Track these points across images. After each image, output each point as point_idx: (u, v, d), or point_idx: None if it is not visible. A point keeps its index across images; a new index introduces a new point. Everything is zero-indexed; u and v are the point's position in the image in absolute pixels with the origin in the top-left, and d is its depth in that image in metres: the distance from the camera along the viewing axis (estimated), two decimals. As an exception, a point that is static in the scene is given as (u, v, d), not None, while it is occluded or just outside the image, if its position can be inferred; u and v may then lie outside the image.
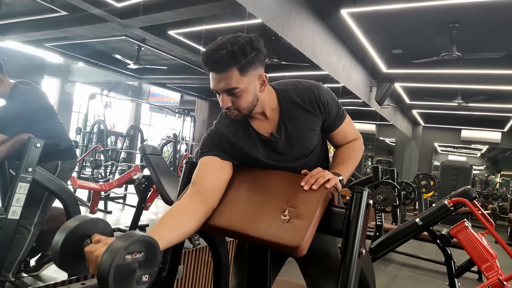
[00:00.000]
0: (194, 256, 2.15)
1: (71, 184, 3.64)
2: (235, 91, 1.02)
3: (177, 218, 1.02)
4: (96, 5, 4.36)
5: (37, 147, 1.70)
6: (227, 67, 0.99)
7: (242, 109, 1.07)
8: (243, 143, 1.16)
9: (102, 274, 0.75)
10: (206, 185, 1.08)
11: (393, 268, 3.89)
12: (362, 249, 0.95)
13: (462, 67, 5.53)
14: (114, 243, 0.77)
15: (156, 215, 4.99)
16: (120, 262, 0.76)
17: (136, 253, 0.79)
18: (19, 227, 1.78)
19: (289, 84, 1.18)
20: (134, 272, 0.79)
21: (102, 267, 0.75)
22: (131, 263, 0.79)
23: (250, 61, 1.02)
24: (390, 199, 3.65)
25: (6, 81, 1.96)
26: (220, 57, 0.98)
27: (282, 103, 1.15)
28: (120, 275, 0.76)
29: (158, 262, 0.84)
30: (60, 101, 9.92)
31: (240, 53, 0.99)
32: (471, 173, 8.97)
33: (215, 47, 1.00)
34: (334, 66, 5.11)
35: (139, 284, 0.80)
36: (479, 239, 2.26)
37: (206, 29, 5.07)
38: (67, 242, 0.84)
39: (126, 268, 0.78)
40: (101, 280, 0.75)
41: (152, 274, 0.83)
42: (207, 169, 1.11)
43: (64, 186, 1.89)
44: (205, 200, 1.05)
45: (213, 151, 1.14)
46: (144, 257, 0.81)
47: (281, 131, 1.15)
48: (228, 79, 1.01)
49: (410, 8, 3.94)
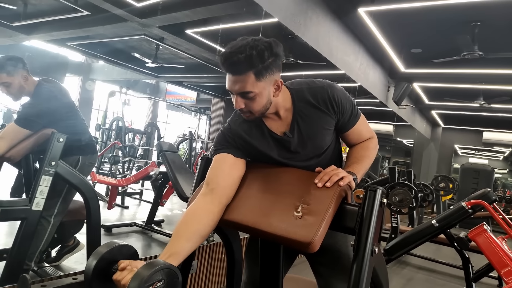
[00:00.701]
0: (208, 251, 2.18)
1: (91, 179, 3.74)
2: (249, 95, 1.04)
3: (192, 225, 1.05)
4: (117, 5, 4.46)
5: (60, 141, 1.76)
6: (244, 71, 1.00)
7: (255, 111, 1.09)
8: (256, 141, 1.17)
9: None
10: (219, 182, 1.10)
11: (408, 271, 3.83)
12: (375, 248, 0.95)
13: (484, 67, 5.39)
14: (137, 274, 0.86)
15: (172, 211, 5.07)
16: None
17: (157, 282, 0.88)
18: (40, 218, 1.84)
19: (303, 84, 1.18)
20: None
21: None
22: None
23: (267, 67, 1.03)
24: (406, 201, 3.59)
25: (30, 79, 2.03)
26: (238, 60, 0.99)
27: (296, 103, 1.15)
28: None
29: (179, 285, 0.92)
30: (81, 99, 10.18)
31: (258, 58, 1.00)
32: (493, 176, 8.72)
33: (234, 50, 1.00)
34: (351, 66, 5.06)
35: None
36: (498, 243, 2.20)
37: (222, 28, 5.11)
38: (97, 268, 0.93)
39: None
40: None
41: None
42: (220, 167, 1.13)
43: (84, 180, 1.95)
44: (218, 198, 1.08)
45: (226, 149, 1.16)
46: (165, 284, 0.89)
47: (294, 131, 1.16)
48: (243, 83, 1.02)
49: (430, 6, 3.86)
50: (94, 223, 1.99)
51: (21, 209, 1.66)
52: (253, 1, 3.17)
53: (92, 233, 1.99)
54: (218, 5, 3.98)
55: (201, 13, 4.29)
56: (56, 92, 2.05)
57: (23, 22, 5.75)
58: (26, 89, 2.02)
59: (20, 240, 1.68)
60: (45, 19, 5.61)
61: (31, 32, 6.22)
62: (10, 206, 1.65)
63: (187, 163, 7.76)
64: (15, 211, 1.66)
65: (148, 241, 3.56)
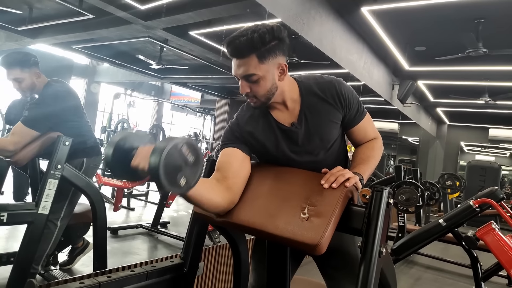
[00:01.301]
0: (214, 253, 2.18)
1: (96, 181, 3.76)
2: (253, 77, 1.05)
3: (210, 181, 1.06)
4: (121, 7, 4.48)
5: (66, 145, 1.76)
6: (246, 53, 1.03)
7: (260, 96, 1.09)
8: (263, 135, 1.17)
9: (158, 148, 0.80)
10: (229, 175, 1.09)
11: (416, 270, 3.81)
12: (383, 249, 0.95)
13: (489, 63, 5.34)
14: (156, 146, 0.81)
15: (177, 213, 5.08)
16: (176, 147, 0.82)
17: (190, 153, 0.85)
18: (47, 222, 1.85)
19: (311, 78, 1.20)
20: (179, 167, 0.83)
21: (158, 146, 0.81)
22: (183, 156, 0.83)
23: (270, 49, 1.04)
24: (413, 199, 3.57)
25: (41, 77, 2.06)
26: (240, 43, 1.02)
27: (304, 95, 1.16)
28: (170, 158, 0.80)
29: (196, 180, 0.88)
30: (86, 101, 10.25)
31: (260, 41, 1.02)
32: (500, 173, 8.62)
33: (237, 34, 1.04)
34: (355, 64, 5.04)
35: (175, 181, 0.83)
36: (507, 241, 2.18)
37: (226, 29, 5.11)
38: (117, 149, 0.90)
39: (177, 156, 0.82)
40: (155, 151, 0.80)
41: (188, 183, 0.85)
42: (230, 160, 1.13)
43: (90, 183, 1.96)
44: (229, 189, 1.06)
45: (234, 143, 1.16)
46: (192, 163, 0.86)
47: (302, 122, 1.16)
48: (246, 65, 1.04)
49: (433, 4, 3.84)
50: (100, 226, 2.00)
51: (27, 213, 1.67)
52: (256, 2, 3.16)
53: (98, 235, 1.99)
54: (222, 6, 3.98)
55: (204, 14, 4.29)
56: (64, 93, 2.07)
57: (29, 26, 5.79)
58: (36, 86, 2.04)
59: (27, 244, 1.69)
60: (50, 23, 5.66)
61: (36, 36, 6.27)
62: (16, 210, 1.66)
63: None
64: (21, 215, 1.66)
65: (154, 243, 3.57)
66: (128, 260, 2.89)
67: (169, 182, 0.81)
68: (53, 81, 2.09)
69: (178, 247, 3.37)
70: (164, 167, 0.79)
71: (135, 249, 3.29)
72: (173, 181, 0.82)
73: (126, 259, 2.95)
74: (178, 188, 0.84)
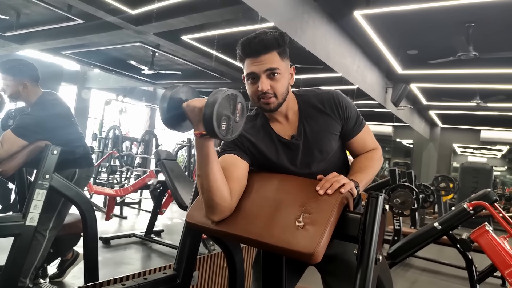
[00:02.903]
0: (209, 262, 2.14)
1: (87, 190, 3.69)
2: (276, 71, 1.08)
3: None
4: (111, 12, 4.44)
5: (54, 154, 1.72)
6: (271, 48, 1.07)
7: (279, 94, 1.10)
8: (264, 145, 1.17)
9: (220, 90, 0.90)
10: (229, 177, 1.06)
11: (412, 273, 3.80)
12: (379, 255, 0.93)
13: (479, 66, 5.41)
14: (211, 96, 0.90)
15: (171, 220, 5.02)
16: (235, 97, 0.93)
17: (239, 112, 0.94)
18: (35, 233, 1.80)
19: (309, 91, 1.21)
20: (228, 113, 0.91)
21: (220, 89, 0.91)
22: (235, 108, 0.93)
23: (285, 50, 1.12)
24: (408, 203, 3.57)
25: (32, 89, 2.02)
26: (266, 38, 1.07)
27: (302, 107, 1.17)
28: (227, 100, 0.90)
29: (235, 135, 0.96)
30: (77, 108, 10.15)
31: (281, 39, 1.09)
32: (492, 174, 8.71)
33: (257, 33, 1.08)
34: (348, 68, 5.06)
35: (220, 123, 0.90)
36: (501, 243, 2.18)
37: (219, 34, 5.10)
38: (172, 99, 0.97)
39: (231, 103, 0.92)
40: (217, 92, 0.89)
41: (228, 131, 0.93)
42: (229, 168, 1.10)
43: (80, 193, 1.91)
44: (230, 191, 1.04)
45: (234, 150, 1.15)
46: (237, 122, 0.95)
47: (301, 135, 1.16)
48: (270, 60, 1.07)
49: (425, 8, 3.87)
50: (91, 236, 1.95)
51: (14, 225, 1.62)
52: (249, 7, 3.16)
53: (89, 246, 1.94)
54: (214, 11, 3.97)
55: (197, 19, 4.28)
56: (57, 107, 2.05)
57: (16, 32, 5.73)
58: (24, 97, 2.01)
59: (14, 257, 1.64)
60: (38, 28, 5.60)
61: (24, 42, 6.20)
62: (2, 222, 1.61)
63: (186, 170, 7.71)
64: (8, 227, 1.61)
65: (147, 252, 3.51)
66: (120, 271, 2.83)
67: (217, 119, 0.88)
68: (46, 94, 2.07)
69: (172, 256, 3.32)
70: (219, 105, 0.88)
71: (128, 259, 3.23)
72: (219, 122, 0.89)
73: (119, 269, 2.89)
74: (218, 129, 0.89)
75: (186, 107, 0.95)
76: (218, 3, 3.86)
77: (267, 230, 0.99)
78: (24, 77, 1.99)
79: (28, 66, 2.03)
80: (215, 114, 0.87)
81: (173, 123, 1.00)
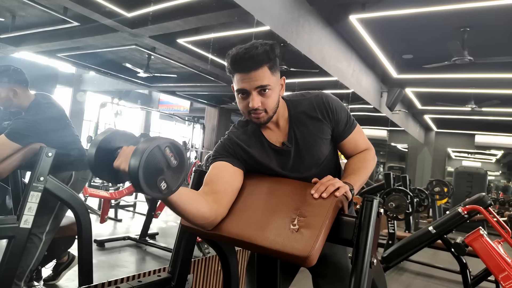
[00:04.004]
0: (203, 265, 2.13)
1: (82, 193, 3.67)
2: (267, 88, 1.05)
3: (196, 193, 1.02)
4: (107, 15, 4.44)
5: (49, 156, 1.71)
6: (261, 64, 1.03)
7: (269, 109, 1.09)
8: (256, 151, 1.16)
9: (139, 149, 0.76)
10: (218, 188, 1.06)
11: (406, 277, 3.80)
12: (373, 259, 0.93)
13: (474, 71, 5.45)
14: (137, 147, 0.77)
15: (166, 223, 5.00)
16: (158, 149, 0.77)
17: (173, 156, 0.80)
18: (30, 236, 1.79)
19: (298, 95, 1.20)
20: (160, 170, 0.78)
21: (139, 147, 0.76)
22: (165, 158, 0.79)
23: (276, 63, 1.08)
24: (402, 207, 3.59)
25: (22, 94, 2.00)
26: (256, 54, 1.02)
27: (292, 112, 1.16)
28: (151, 160, 0.76)
29: (179, 185, 0.83)
30: (72, 110, 10.11)
31: (272, 52, 1.05)
32: (486, 179, 8.77)
33: (247, 47, 1.04)
34: (344, 72, 5.08)
35: (155, 184, 0.78)
36: (495, 247, 2.19)
37: (214, 37, 5.11)
38: (100, 149, 0.86)
39: (159, 158, 0.78)
40: (136, 153, 0.76)
41: (169, 188, 0.81)
42: (220, 174, 1.10)
43: (75, 195, 1.90)
44: (217, 202, 1.03)
45: (225, 157, 1.14)
46: (175, 166, 0.81)
47: (292, 141, 1.15)
48: (261, 77, 1.04)
49: (420, 13, 3.90)
50: (86, 239, 1.94)
51: (8, 227, 1.61)
52: (244, 10, 3.16)
53: (83, 249, 1.93)
54: (210, 14, 3.98)
55: (192, 22, 4.29)
56: (52, 110, 2.03)
57: (12, 34, 5.70)
58: (14, 103, 1.99)
59: (8, 259, 1.62)
60: (34, 30, 5.58)
61: (19, 44, 6.17)
62: (-4, 224, 1.60)
63: (181, 173, 7.68)
64: (2, 229, 1.60)
65: (142, 255, 3.49)
66: (115, 274, 2.81)
67: (148, 185, 0.76)
68: (40, 97, 2.05)
69: (167, 259, 3.30)
70: (144, 170, 0.74)
71: (123, 262, 3.21)
72: (153, 184, 0.77)
73: (113, 272, 2.87)
74: (158, 193, 0.79)
75: (124, 150, 0.85)
76: (214, 6, 3.87)
77: (262, 233, 0.99)
78: (12, 84, 1.96)
79: (15, 71, 2.00)
80: (145, 185, 0.75)
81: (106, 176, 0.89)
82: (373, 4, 3.87)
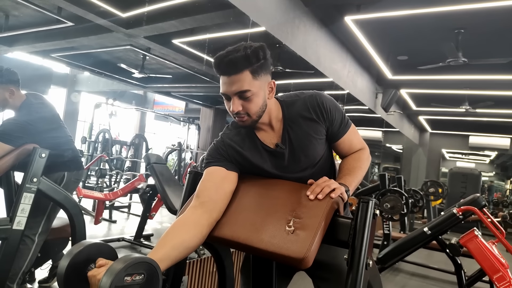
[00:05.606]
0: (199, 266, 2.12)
1: (76, 194, 3.64)
2: (247, 93, 1.03)
3: (179, 234, 0.99)
4: (102, 15, 4.41)
5: (42, 157, 1.69)
6: (241, 68, 1.01)
7: (252, 113, 1.07)
8: (249, 153, 1.15)
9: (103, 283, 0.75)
10: (211, 195, 1.06)
11: (402, 278, 3.81)
12: (369, 261, 0.93)
13: (468, 73, 5.49)
14: (113, 265, 0.78)
15: (161, 224, 4.98)
16: (119, 284, 0.76)
17: (136, 275, 0.80)
18: (23, 237, 1.77)
19: (292, 96, 1.19)
20: None
21: (104, 280, 0.76)
22: (131, 285, 0.79)
23: (262, 66, 1.05)
24: (397, 207, 3.60)
25: (16, 94, 1.99)
26: (236, 58, 1.00)
27: (286, 113, 1.15)
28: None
29: (159, 284, 0.84)
30: (66, 111, 10.03)
31: (254, 56, 1.02)
32: (480, 180, 8.83)
33: (229, 50, 1.02)
34: (339, 73, 5.09)
35: None
36: (489, 248, 2.20)
37: (210, 38, 5.10)
38: (71, 267, 0.84)
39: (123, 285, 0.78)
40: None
41: None
42: (212, 180, 1.10)
43: (68, 196, 1.88)
44: (209, 211, 1.03)
45: (218, 162, 1.13)
46: (145, 279, 0.81)
47: (286, 142, 1.14)
48: (241, 82, 1.02)
49: (415, 14, 3.92)
50: (80, 241, 1.91)
51: (1, 229, 1.59)
52: (240, 11, 3.16)
53: (77, 251, 1.91)
54: (205, 14, 3.97)
55: (188, 23, 4.27)
56: (43, 110, 2.02)
57: (5, 34, 5.65)
58: (11, 103, 1.98)
59: (1, 261, 1.61)
60: (27, 30, 5.53)
61: (13, 44, 6.12)
62: (-12, 226, 1.58)
63: (176, 174, 7.67)
64: (-6, 231, 1.58)
65: (137, 256, 3.47)
66: (109, 275, 2.78)
67: None
68: (31, 97, 2.03)
69: (161, 260, 3.28)
70: None
71: (117, 263, 3.18)
72: None
73: (107, 274, 2.84)
74: None
75: (91, 278, 0.83)
76: (209, 7, 3.86)
77: (257, 235, 0.98)
78: (9, 84, 1.95)
79: (10, 72, 1.99)
80: None
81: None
82: (368, 6, 3.89)
